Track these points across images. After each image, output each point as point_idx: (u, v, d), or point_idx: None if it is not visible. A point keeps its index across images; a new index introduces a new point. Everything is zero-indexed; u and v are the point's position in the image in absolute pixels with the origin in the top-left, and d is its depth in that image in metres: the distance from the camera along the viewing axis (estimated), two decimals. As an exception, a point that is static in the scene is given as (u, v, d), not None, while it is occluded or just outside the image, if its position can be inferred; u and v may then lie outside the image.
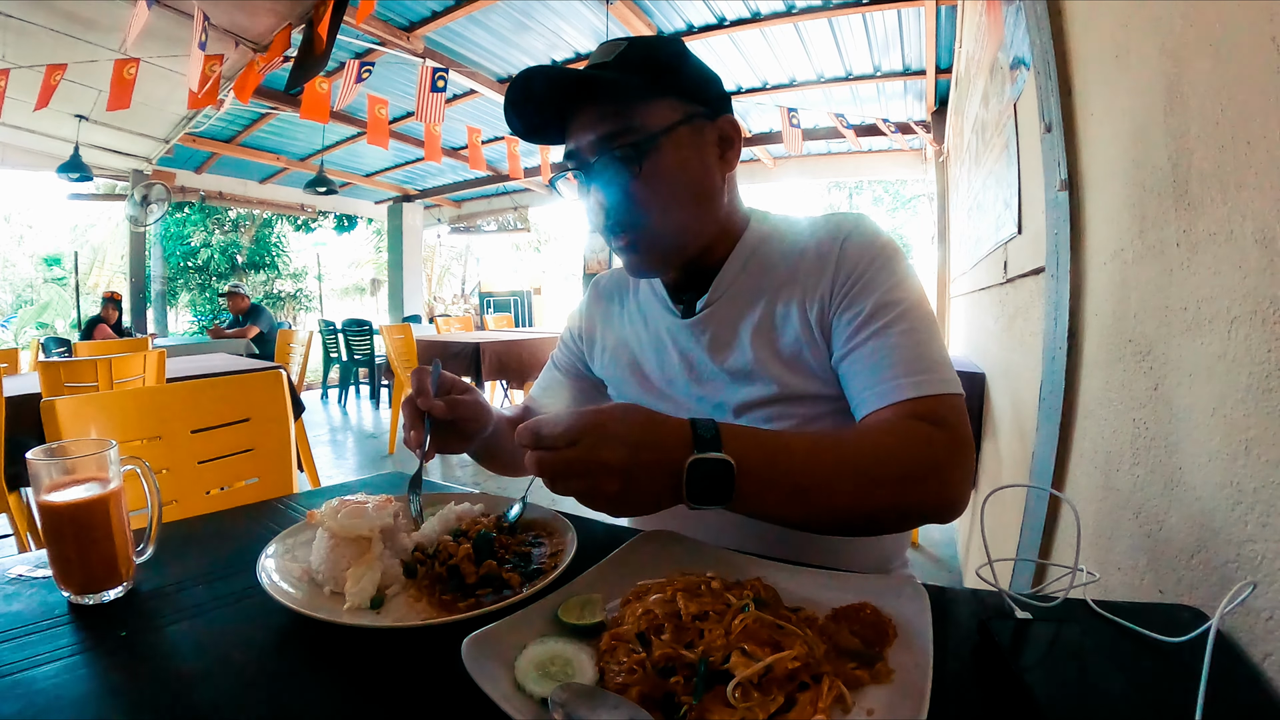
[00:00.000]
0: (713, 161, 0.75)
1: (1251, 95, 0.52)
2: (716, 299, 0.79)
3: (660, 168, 0.71)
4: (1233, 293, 0.55)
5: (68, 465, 0.58)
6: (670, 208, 0.73)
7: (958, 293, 3.73)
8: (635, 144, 0.70)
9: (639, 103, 0.70)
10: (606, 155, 0.71)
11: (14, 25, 3.31)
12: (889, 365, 0.67)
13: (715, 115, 0.76)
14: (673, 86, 0.72)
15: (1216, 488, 0.56)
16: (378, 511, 0.60)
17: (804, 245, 0.76)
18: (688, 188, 0.73)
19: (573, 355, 0.97)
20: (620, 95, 0.70)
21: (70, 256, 11.59)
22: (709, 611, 0.45)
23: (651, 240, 0.74)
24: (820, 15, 3.73)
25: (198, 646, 0.51)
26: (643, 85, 0.70)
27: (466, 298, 13.57)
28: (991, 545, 0.65)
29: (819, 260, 0.74)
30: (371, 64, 3.69)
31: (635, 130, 0.70)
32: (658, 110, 0.71)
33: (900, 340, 0.67)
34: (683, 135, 0.72)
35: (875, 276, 0.71)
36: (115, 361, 2.46)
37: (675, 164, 0.72)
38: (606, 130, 0.70)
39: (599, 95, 0.71)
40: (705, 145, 0.74)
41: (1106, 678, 0.43)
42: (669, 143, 0.71)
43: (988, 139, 2.10)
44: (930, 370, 0.66)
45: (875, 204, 15.94)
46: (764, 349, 0.75)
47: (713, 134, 0.75)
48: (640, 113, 0.70)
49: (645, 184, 0.71)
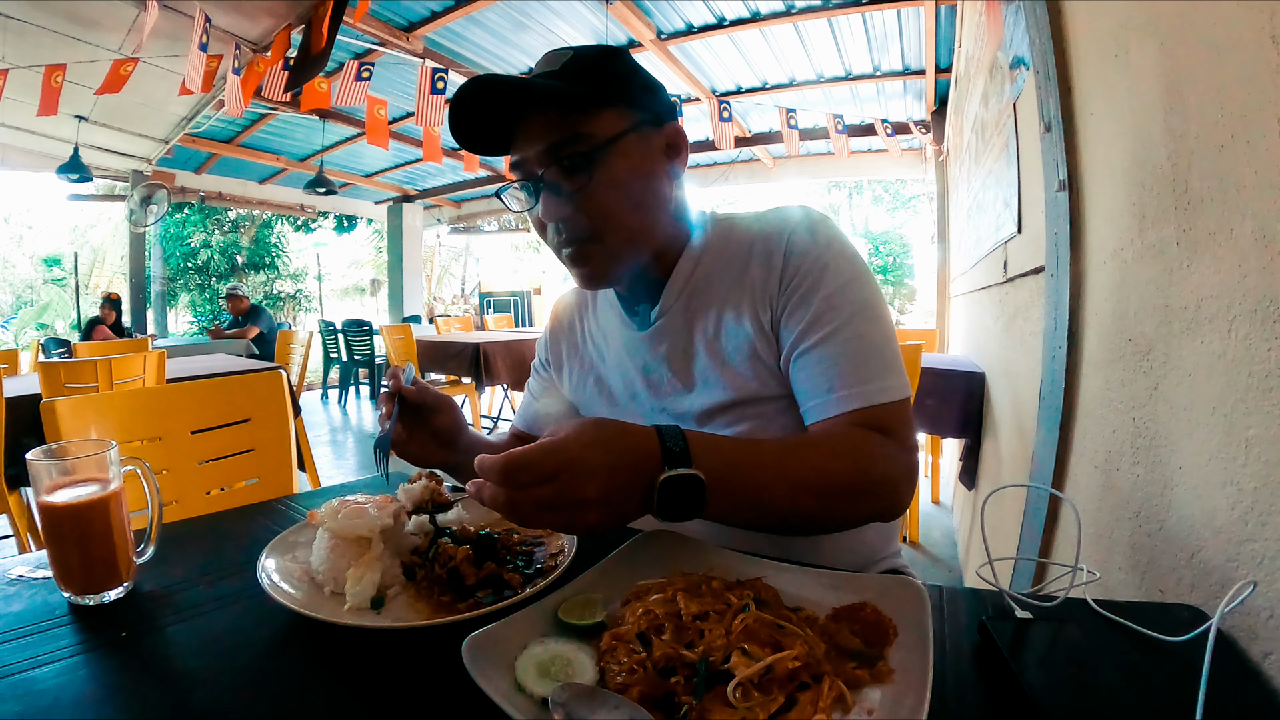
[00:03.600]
0: (661, 169, 0.75)
1: (1251, 94, 0.52)
2: (669, 308, 0.79)
3: (610, 176, 0.70)
4: (1233, 292, 0.55)
5: (68, 466, 0.58)
6: (621, 216, 0.72)
7: (958, 292, 3.73)
8: (584, 153, 0.69)
9: (586, 112, 0.69)
10: (555, 165, 0.70)
11: (14, 26, 3.31)
12: (835, 374, 0.68)
13: (661, 123, 0.75)
14: (619, 95, 0.72)
15: (1217, 487, 0.56)
16: (378, 512, 0.60)
17: (750, 245, 0.76)
18: (638, 196, 0.73)
19: (545, 382, 0.98)
20: (567, 104, 0.69)
21: (70, 257, 11.60)
22: (709, 611, 0.45)
23: (603, 251, 0.73)
24: (820, 15, 3.73)
25: (198, 647, 0.51)
26: (590, 94, 0.69)
27: (466, 298, 13.58)
28: (992, 545, 0.65)
29: (765, 260, 0.74)
30: (371, 64, 3.69)
31: (583, 139, 0.69)
32: (605, 119, 0.70)
33: (845, 348, 0.68)
34: (631, 143, 0.71)
35: (821, 277, 0.71)
36: (115, 362, 2.46)
37: (624, 172, 0.71)
38: (554, 140, 0.69)
39: (546, 105, 0.70)
40: (653, 153, 0.74)
41: (1106, 677, 0.43)
42: (617, 151, 0.70)
43: (987, 138, 2.10)
44: (875, 378, 0.67)
45: (875, 204, 15.94)
46: (718, 355, 0.76)
47: (660, 141, 0.75)
48: (588, 122, 0.69)
49: (595, 193, 0.70)
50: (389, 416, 0.77)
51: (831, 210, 16.51)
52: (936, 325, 5.19)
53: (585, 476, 0.49)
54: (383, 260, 11.50)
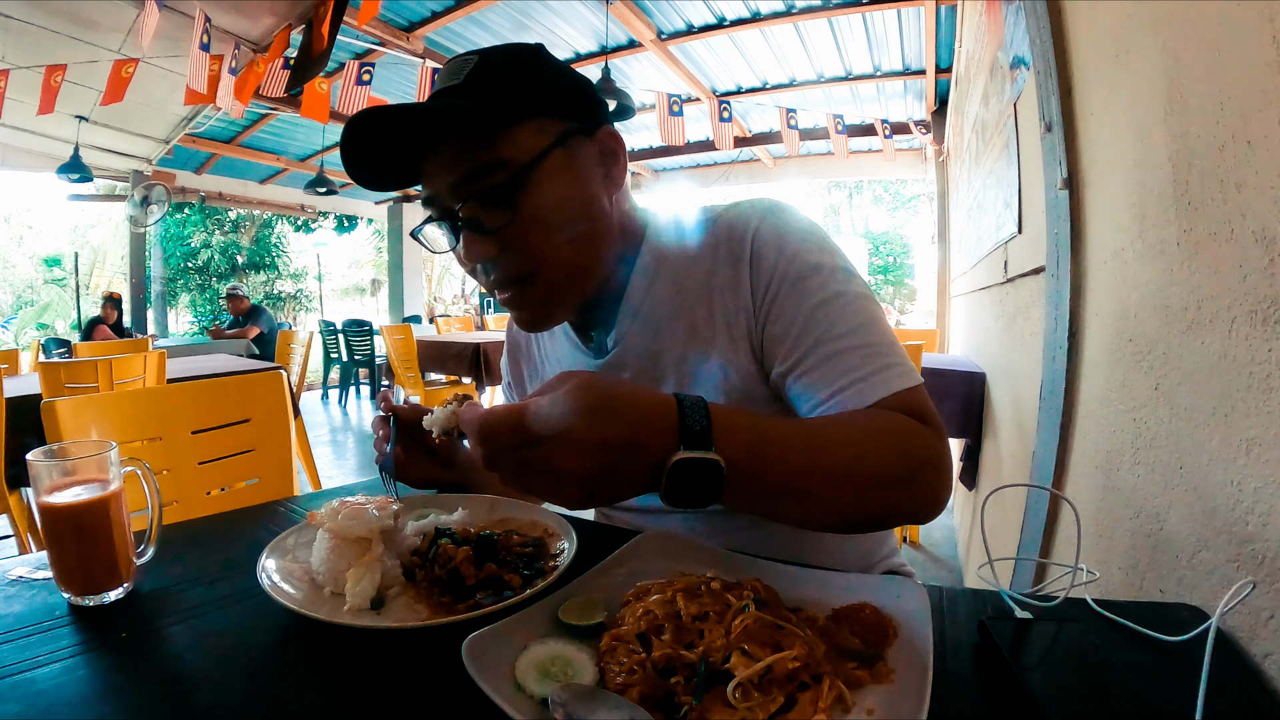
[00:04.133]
0: (596, 183, 0.65)
1: (1252, 95, 0.52)
2: (626, 333, 0.71)
3: (537, 206, 0.61)
4: (1233, 292, 0.55)
5: (68, 466, 0.58)
6: (556, 250, 0.63)
7: (958, 292, 3.73)
8: (503, 184, 0.59)
9: (501, 131, 0.59)
10: (472, 200, 0.60)
11: (14, 26, 3.32)
12: (843, 371, 0.60)
13: (593, 129, 0.65)
14: (538, 104, 0.61)
15: (1217, 487, 0.56)
16: (379, 513, 0.60)
17: (711, 251, 0.68)
18: (573, 222, 0.63)
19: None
20: (477, 125, 0.59)
21: (70, 257, 11.60)
22: (709, 612, 0.45)
23: (541, 291, 0.65)
24: (820, 15, 3.73)
25: (198, 647, 0.51)
26: (501, 109, 0.59)
27: (466, 298, 13.57)
28: (992, 545, 0.65)
29: (732, 267, 0.66)
30: (372, 65, 3.69)
31: (501, 165, 0.59)
32: (523, 136, 0.60)
33: (847, 344, 0.61)
34: (558, 161, 0.62)
35: (800, 276, 0.63)
36: (115, 362, 2.46)
37: (554, 197, 0.61)
38: (467, 170, 0.60)
39: (451, 130, 0.60)
40: (586, 166, 0.64)
41: (1106, 677, 0.43)
42: (543, 173, 0.61)
43: (988, 138, 2.10)
44: (889, 366, 0.60)
45: (875, 204, 15.95)
46: (688, 378, 0.69)
47: (592, 151, 0.65)
48: (504, 143, 0.59)
49: (522, 228, 0.61)
50: (386, 440, 0.75)
51: (832, 210, 16.52)
52: (937, 325, 5.19)
53: (571, 450, 0.44)
54: (383, 260, 11.51)
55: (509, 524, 0.71)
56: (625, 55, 4.33)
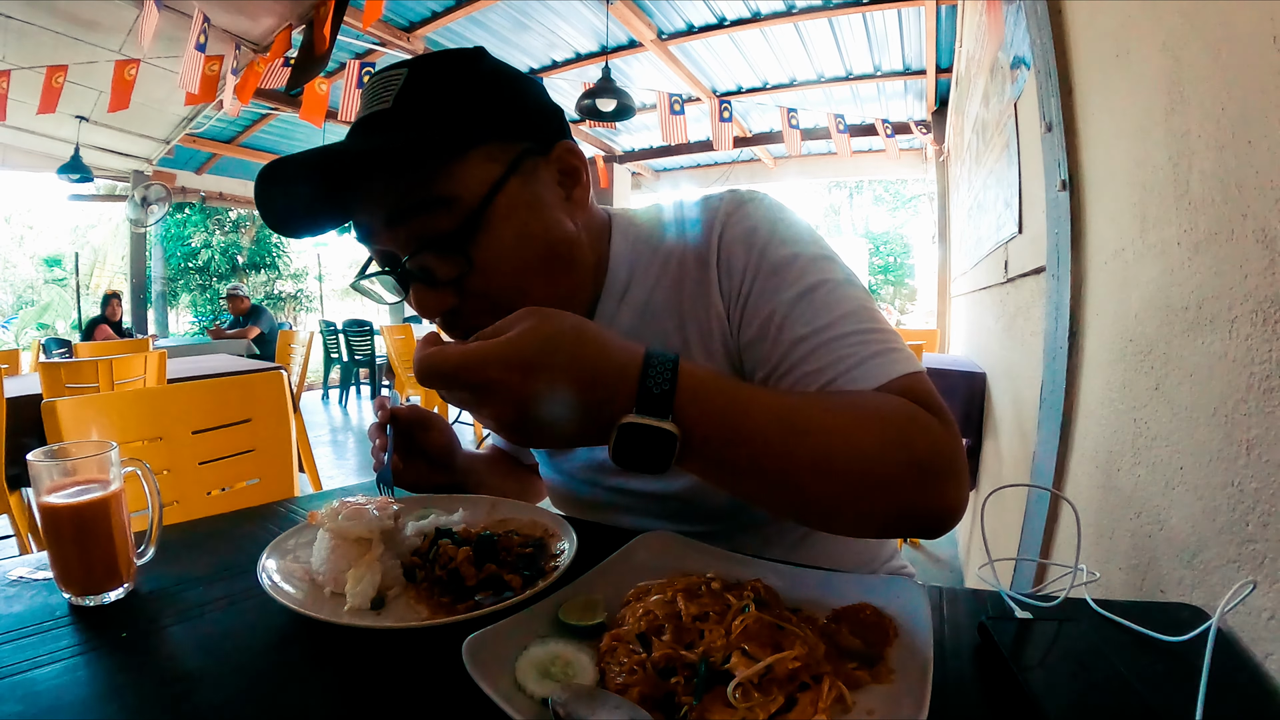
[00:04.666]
0: (558, 208, 0.59)
1: (1252, 95, 0.52)
2: None
3: (495, 250, 0.54)
4: (1234, 292, 0.55)
5: (68, 466, 0.58)
6: (524, 293, 0.55)
7: (958, 292, 3.73)
8: (453, 230, 0.52)
9: (443, 164, 0.52)
10: (420, 251, 0.53)
11: (14, 27, 3.32)
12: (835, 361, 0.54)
13: (549, 147, 0.58)
14: (485, 124, 0.54)
15: (1217, 487, 0.56)
16: (379, 513, 0.60)
17: (679, 256, 0.63)
18: (538, 259, 0.56)
19: None
20: (414, 165, 0.51)
21: (71, 257, 11.61)
22: (709, 612, 0.45)
23: None
24: (820, 15, 3.73)
25: (199, 648, 0.51)
26: (443, 141, 0.52)
27: (467, 298, 13.56)
28: (992, 545, 0.65)
29: (699, 272, 0.61)
30: (372, 65, 3.70)
31: (447, 204, 0.52)
32: (472, 168, 0.53)
33: (836, 333, 0.55)
34: (514, 192, 0.54)
35: (773, 270, 0.57)
36: (116, 362, 2.46)
37: (513, 235, 0.55)
38: (406, 217, 0.53)
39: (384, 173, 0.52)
40: (544, 191, 0.58)
41: (1106, 677, 0.43)
42: (497, 211, 0.53)
43: (988, 138, 2.10)
44: (885, 352, 0.53)
45: (876, 204, 15.95)
46: None
47: (549, 172, 0.58)
48: (448, 179, 0.52)
49: (483, 276, 0.54)
50: (383, 449, 0.75)
51: (832, 210, 16.52)
52: (937, 325, 5.19)
53: (499, 401, 0.41)
54: (383, 260, 11.48)
55: (509, 524, 0.71)
56: (625, 55, 4.34)
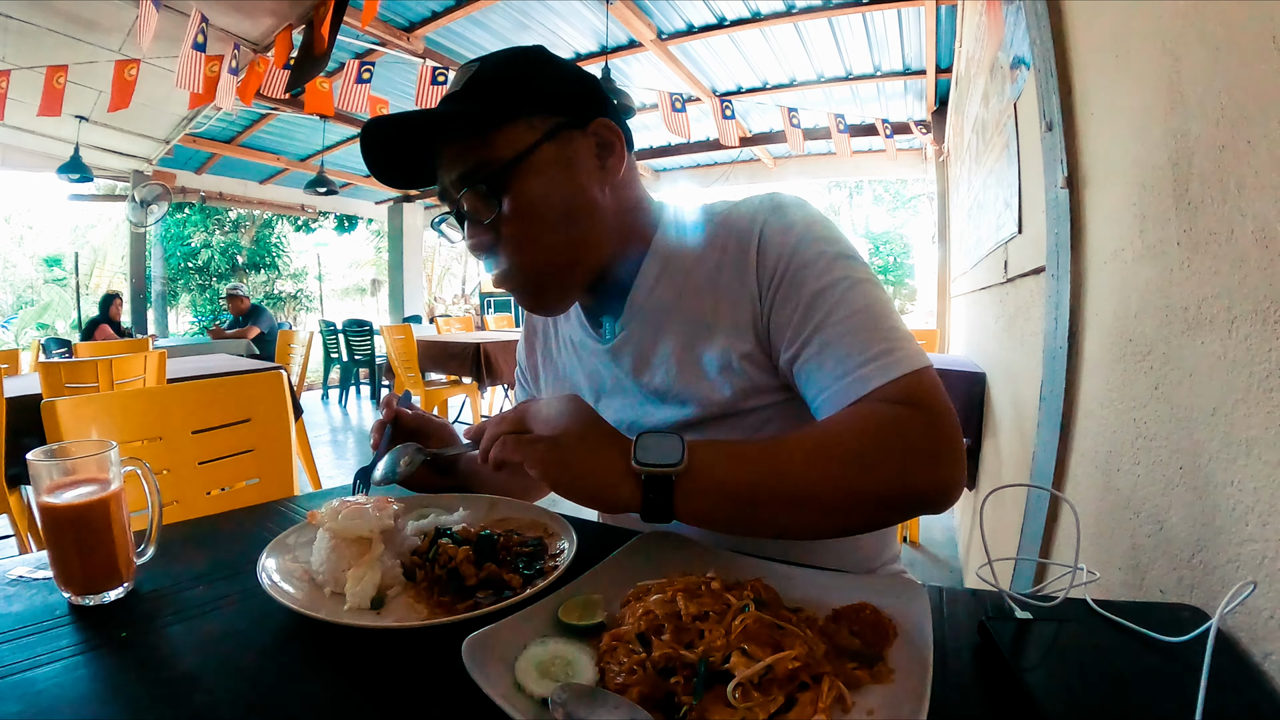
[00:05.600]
0: (590, 175, 0.68)
1: (1252, 94, 0.52)
2: (632, 319, 0.74)
3: (522, 200, 0.65)
4: (1233, 292, 0.55)
5: (68, 466, 0.58)
6: (539, 241, 0.67)
7: (958, 292, 3.73)
8: (490, 178, 0.64)
9: (492, 130, 0.64)
10: (469, 194, 0.66)
11: (14, 26, 3.32)
12: (840, 359, 0.61)
13: (585, 122, 0.68)
14: (529, 102, 0.66)
15: (1217, 487, 0.56)
16: (378, 512, 0.60)
17: (721, 243, 0.70)
18: (559, 214, 0.67)
19: (527, 390, 0.96)
20: (469, 127, 0.65)
21: (71, 257, 11.61)
22: (709, 612, 0.45)
23: (533, 278, 0.69)
24: (820, 15, 3.73)
25: (198, 647, 0.51)
26: (493, 109, 0.64)
27: (467, 298, 13.58)
28: (992, 545, 0.65)
29: (739, 257, 0.68)
30: (372, 64, 3.69)
31: (491, 163, 0.64)
32: (513, 135, 0.65)
33: (846, 328, 0.61)
34: (546, 155, 0.65)
35: (804, 264, 0.65)
36: (116, 362, 2.46)
37: (540, 191, 0.65)
38: (464, 168, 0.65)
39: (448, 132, 0.66)
40: (577, 159, 0.68)
41: (1106, 678, 0.43)
42: (529, 168, 0.65)
43: (988, 138, 2.10)
44: (887, 352, 0.60)
45: (876, 204, 15.95)
46: (689, 367, 0.70)
47: (586, 143, 0.68)
48: (495, 142, 0.64)
49: (511, 220, 0.65)
50: (375, 446, 0.77)
51: (832, 210, 16.52)
52: (937, 325, 5.19)
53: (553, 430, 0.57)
54: (383, 260, 11.51)
55: (509, 524, 0.71)
56: (625, 55, 4.33)
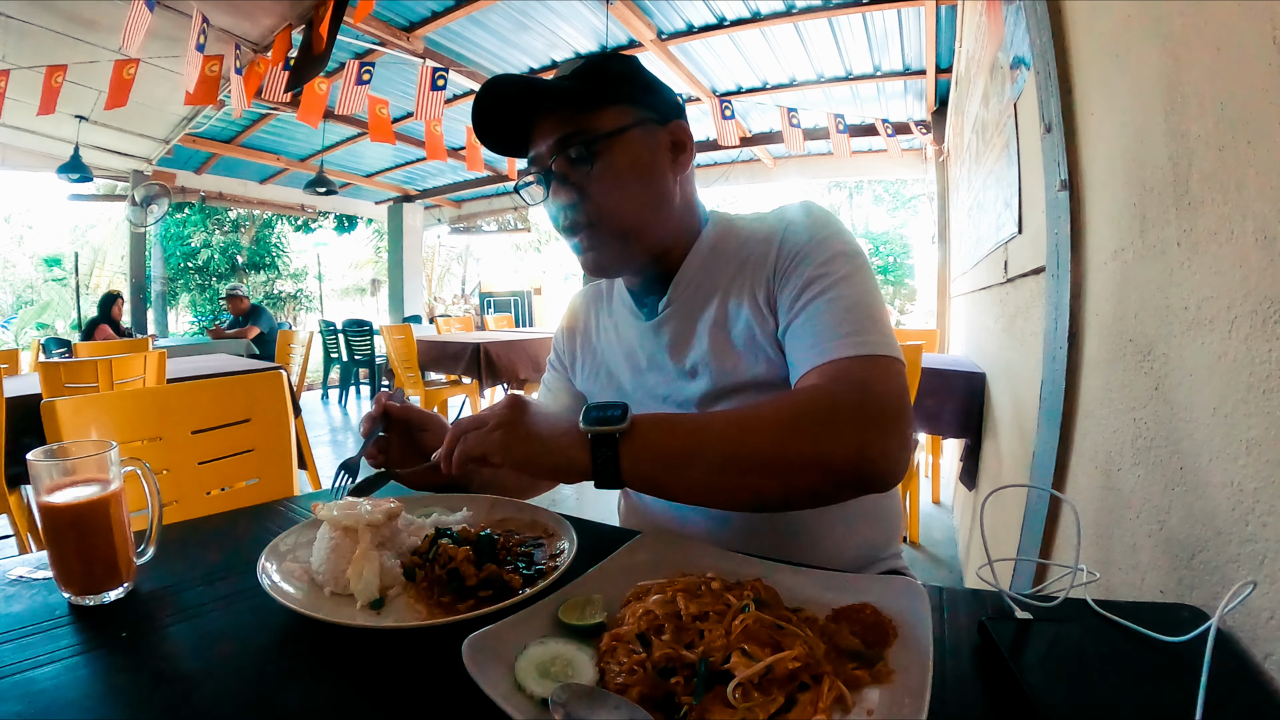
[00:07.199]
0: (664, 164, 0.79)
1: (1252, 95, 0.52)
2: (675, 299, 0.82)
3: (612, 166, 0.75)
4: (1233, 292, 0.55)
5: (68, 466, 0.58)
6: (623, 204, 0.76)
7: (958, 292, 3.73)
8: (587, 144, 0.74)
9: (592, 109, 0.75)
10: (562, 157, 0.75)
11: (14, 26, 3.31)
12: (816, 331, 0.69)
13: (666, 121, 0.79)
14: (624, 95, 0.77)
15: (1217, 487, 0.56)
16: (371, 509, 0.61)
17: (753, 237, 0.80)
18: (639, 186, 0.77)
19: (558, 375, 1.00)
20: (574, 102, 0.75)
21: (70, 257, 11.59)
22: (709, 612, 0.45)
23: (606, 237, 0.77)
24: (820, 15, 3.73)
25: (198, 647, 0.51)
26: (595, 93, 0.75)
27: (467, 298, 13.58)
28: (992, 545, 0.65)
29: (765, 246, 0.77)
30: (372, 64, 3.69)
31: (587, 133, 0.74)
32: (609, 115, 0.75)
33: (829, 306, 0.69)
34: (634, 137, 0.76)
35: (814, 249, 0.74)
36: (115, 362, 2.46)
37: (626, 163, 0.75)
38: (562, 134, 0.75)
39: (555, 104, 0.76)
40: (656, 148, 0.78)
41: (1106, 678, 0.43)
42: (620, 144, 0.75)
43: (988, 139, 2.10)
44: (858, 333, 0.67)
45: (875, 204, 15.94)
46: (720, 342, 0.78)
47: (664, 138, 0.79)
48: (593, 118, 0.75)
49: (598, 181, 0.75)
50: (365, 436, 0.80)
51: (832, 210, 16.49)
52: (937, 325, 5.19)
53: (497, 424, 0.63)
54: (383, 260, 11.51)
55: (509, 524, 0.71)
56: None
